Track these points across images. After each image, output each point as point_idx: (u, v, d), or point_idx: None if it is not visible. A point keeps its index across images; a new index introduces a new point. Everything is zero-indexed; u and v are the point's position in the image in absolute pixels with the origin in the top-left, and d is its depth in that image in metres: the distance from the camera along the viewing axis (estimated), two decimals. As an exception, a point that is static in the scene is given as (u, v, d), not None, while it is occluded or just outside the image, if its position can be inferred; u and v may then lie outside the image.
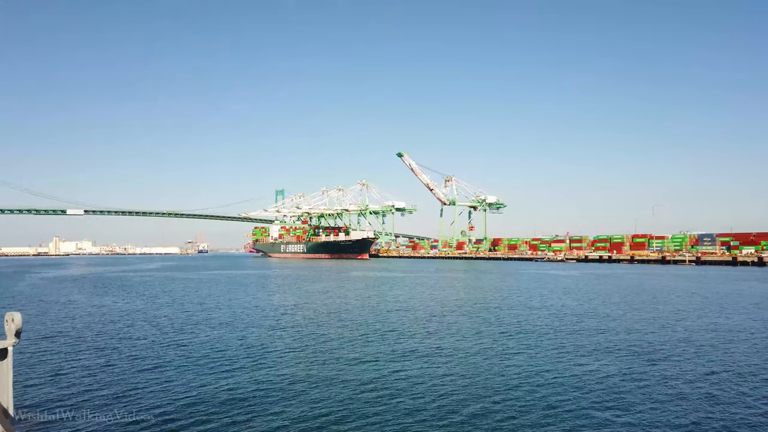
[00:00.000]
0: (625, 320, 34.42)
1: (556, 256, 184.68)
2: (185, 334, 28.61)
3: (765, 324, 32.79)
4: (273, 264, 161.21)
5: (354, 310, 39.49)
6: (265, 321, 33.99)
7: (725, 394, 17.41)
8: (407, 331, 29.93)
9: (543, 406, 16.15)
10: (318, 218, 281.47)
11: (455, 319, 34.97)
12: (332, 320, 34.30)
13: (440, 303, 44.98)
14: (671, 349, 24.79)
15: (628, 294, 53.38)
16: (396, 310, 40.03)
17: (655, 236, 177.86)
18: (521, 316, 36.05)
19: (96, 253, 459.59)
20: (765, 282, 73.36)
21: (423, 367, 21.06)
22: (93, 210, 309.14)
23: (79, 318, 35.82)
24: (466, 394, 17.28)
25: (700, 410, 15.76)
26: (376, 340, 26.81)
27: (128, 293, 55.70)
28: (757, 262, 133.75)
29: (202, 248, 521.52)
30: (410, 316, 36.17)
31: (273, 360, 22.30)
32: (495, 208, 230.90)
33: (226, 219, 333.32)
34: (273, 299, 48.61)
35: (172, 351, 24.11)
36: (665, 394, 17.32)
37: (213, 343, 25.85)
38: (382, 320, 34.25)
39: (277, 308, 41.19)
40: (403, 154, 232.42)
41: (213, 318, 35.33)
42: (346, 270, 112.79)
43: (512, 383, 18.61)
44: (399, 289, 59.17)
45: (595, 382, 18.75)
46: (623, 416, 15.23)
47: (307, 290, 58.73)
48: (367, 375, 19.70)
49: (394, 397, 17.01)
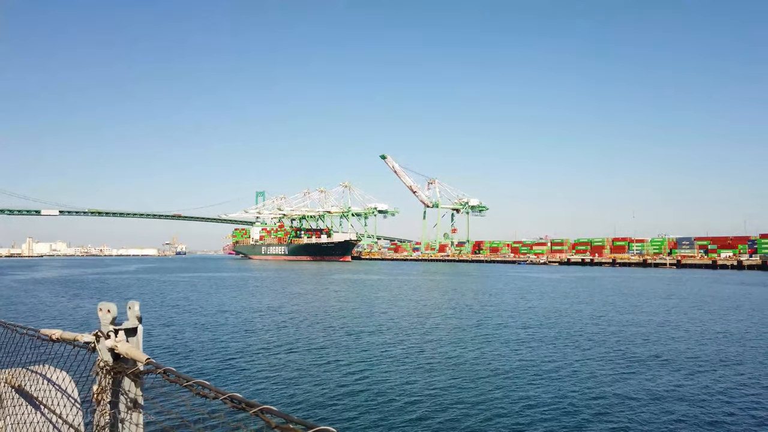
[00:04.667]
0: (652, 328, 33.57)
1: (538, 259, 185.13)
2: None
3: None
4: (254, 266, 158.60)
5: (334, 314, 38.09)
6: (251, 322, 32.40)
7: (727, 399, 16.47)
8: (407, 336, 28.63)
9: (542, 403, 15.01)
10: (300, 220, 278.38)
11: (475, 332, 33.72)
12: (324, 327, 32.83)
13: (447, 312, 43.72)
14: (710, 357, 23.88)
15: (638, 298, 52.81)
16: (389, 317, 38.70)
17: (635, 239, 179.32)
18: (546, 328, 34.95)
19: (71, 254, 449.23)
20: (760, 286, 73.71)
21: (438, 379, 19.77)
22: (68, 210, 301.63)
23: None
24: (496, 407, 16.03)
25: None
26: (351, 342, 25.48)
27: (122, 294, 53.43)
28: (736, 265, 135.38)
29: (181, 250, 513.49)
30: (420, 327, 34.85)
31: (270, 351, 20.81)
32: (477, 211, 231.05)
33: (205, 220, 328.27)
34: (258, 301, 46.94)
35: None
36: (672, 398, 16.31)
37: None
38: (368, 326, 32.89)
39: (263, 311, 39.58)
40: (386, 156, 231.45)
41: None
42: (329, 273, 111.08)
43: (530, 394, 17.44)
44: (387, 292, 57.84)
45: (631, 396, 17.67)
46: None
47: (292, 293, 57.11)
48: (348, 374, 18.36)
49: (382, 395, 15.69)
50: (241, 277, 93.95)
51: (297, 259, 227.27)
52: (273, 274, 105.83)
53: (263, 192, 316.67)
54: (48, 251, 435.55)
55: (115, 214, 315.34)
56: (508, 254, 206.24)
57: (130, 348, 2.98)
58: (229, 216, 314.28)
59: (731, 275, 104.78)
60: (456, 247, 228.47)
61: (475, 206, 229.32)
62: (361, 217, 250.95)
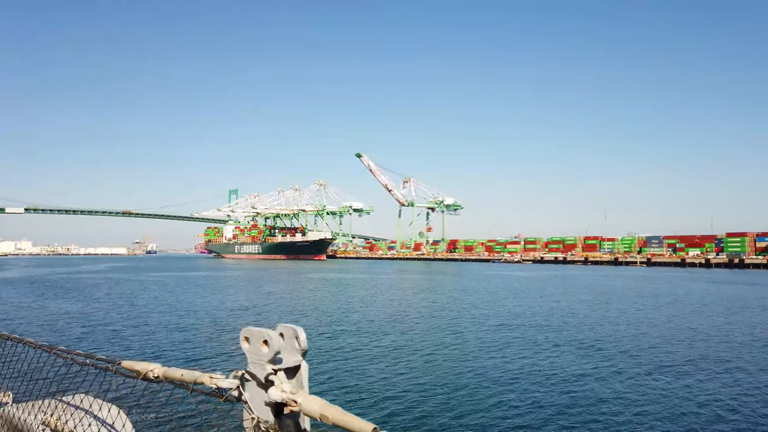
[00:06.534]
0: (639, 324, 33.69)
1: (512, 258, 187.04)
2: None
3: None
4: (228, 265, 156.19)
5: (310, 314, 37.40)
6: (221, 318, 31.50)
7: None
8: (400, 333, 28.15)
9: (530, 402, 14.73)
10: (274, 218, 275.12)
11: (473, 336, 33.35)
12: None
13: (425, 311, 43.34)
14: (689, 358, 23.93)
15: (626, 298, 53.28)
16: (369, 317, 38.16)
17: (606, 238, 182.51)
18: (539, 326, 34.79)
19: (36, 253, 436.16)
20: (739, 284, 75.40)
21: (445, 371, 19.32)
22: (34, 208, 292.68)
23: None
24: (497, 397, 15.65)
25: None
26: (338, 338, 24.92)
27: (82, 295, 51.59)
28: (704, 263, 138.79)
29: (151, 249, 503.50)
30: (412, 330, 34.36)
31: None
32: (452, 210, 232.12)
33: (176, 219, 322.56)
34: (233, 299, 45.88)
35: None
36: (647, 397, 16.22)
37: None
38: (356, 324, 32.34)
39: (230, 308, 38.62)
40: (362, 154, 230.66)
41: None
42: (304, 271, 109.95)
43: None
44: (364, 291, 57.30)
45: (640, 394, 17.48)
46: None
47: (267, 291, 56.12)
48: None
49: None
50: (215, 276, 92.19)
51: (271, 258, 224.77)
52: (248, 273, 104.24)
53: (236, 190, 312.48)
54: (12, 250, 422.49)
55: (83, 212, 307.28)
56: (483, 253, 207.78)
57: (325, 405, 1.76)
58: (201, 214, 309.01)
59: (703, 273, 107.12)
60: (431, 246, 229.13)
61: (450, 205, 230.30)
62: (337, 216, 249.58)
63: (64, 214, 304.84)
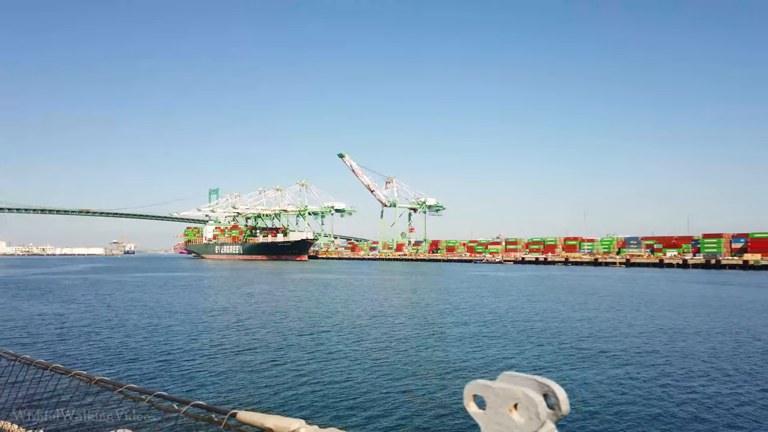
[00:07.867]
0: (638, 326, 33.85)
1: (494, 258, 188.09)
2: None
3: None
4: (209, 266, 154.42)
5: (292, 315, 37.01)
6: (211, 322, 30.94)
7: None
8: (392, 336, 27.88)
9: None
10: (255, 219, 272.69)
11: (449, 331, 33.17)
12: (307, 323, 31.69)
13: (408, 311, 43.15)
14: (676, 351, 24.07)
15: (611, 298, 53.66)
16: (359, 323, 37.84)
17: (586, 239, 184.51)
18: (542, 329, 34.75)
19: (11, 253, 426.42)
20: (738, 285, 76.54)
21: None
22: (8, 207, 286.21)
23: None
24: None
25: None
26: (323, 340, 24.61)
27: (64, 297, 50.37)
28: (681, 264, 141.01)
29: (129, 249, 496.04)
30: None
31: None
32: (434, 211, 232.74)
33: (155, 218, 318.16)
34: (213, 301, 45.21)
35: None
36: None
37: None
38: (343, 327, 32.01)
39: (214, 311, 38.04)
40: (344, 155, 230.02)
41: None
42: (286, 272, 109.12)
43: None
44: (346, 291, 56.94)
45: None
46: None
47: (249, 293, 55.46)
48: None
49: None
50: (196, 276, 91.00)
51: (252, 259, 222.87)
52: (228, 273, 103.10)
53: (217, 190, 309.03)
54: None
55: (59, 211, 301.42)
56: (465, 253, 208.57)
57: None
58: (180, 214, 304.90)
59: (682, 274, 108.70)
60: (413, 247, 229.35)
61: (432, 206, 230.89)
62: (318, 216, 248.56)
63: (39, 213, 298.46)
